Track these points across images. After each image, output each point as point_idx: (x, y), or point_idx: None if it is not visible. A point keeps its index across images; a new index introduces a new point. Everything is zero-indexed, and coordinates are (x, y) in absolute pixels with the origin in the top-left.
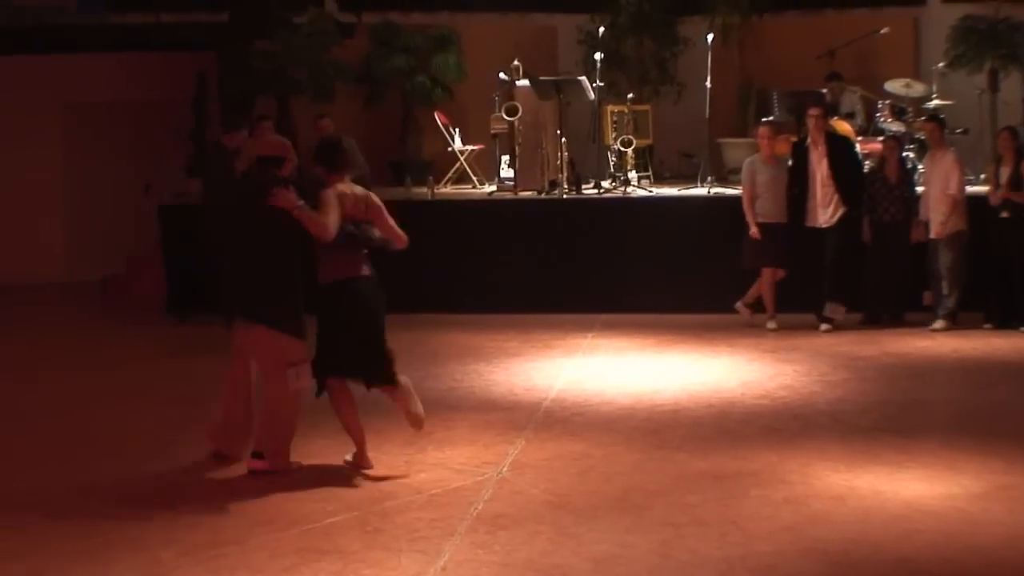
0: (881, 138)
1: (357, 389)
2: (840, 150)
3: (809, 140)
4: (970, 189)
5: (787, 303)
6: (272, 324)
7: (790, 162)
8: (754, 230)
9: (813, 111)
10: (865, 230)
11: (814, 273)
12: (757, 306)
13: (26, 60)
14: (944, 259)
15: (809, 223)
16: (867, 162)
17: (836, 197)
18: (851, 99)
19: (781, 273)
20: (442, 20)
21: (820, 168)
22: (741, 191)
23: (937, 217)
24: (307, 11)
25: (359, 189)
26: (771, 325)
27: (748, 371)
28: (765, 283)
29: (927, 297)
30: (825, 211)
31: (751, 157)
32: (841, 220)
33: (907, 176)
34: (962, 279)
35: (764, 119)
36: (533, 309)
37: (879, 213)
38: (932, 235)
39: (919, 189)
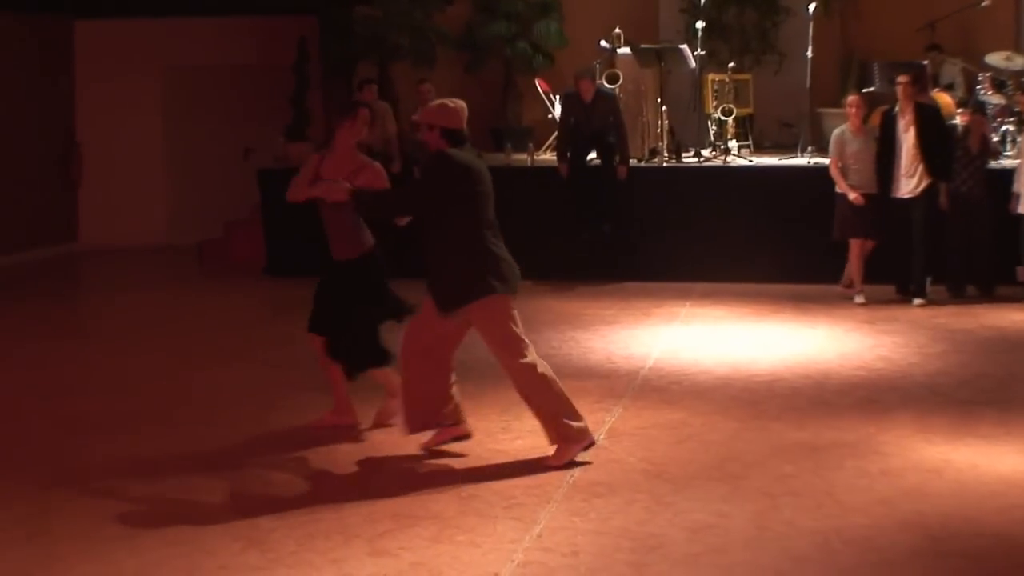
0: (966, 108)
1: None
2: (928, 119)
3: (897, 108)
4: None
5: (874, 274)
6: None
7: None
8: (856, 195)
9: (901, 79)
10: (942, 198)
11: (898, 245)
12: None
13: (128, 23)
14: None
15: (893, 193)
16: None
17: (921, 167)
18: (951, 71)
19: (870, 244)
20: None
21: (907, 137)
22: (829, 162)
23: None
24: None
25: None
26: (859, 299)
27: (845, 342)
28: (854, 255)
29: (1021, 272)
30: (909, 181)
31: (840, 128)
32: (926, 192)
33: (991, 149)
34: None
35: (864, 89)
36: (631, 277)
37: (957, 184)
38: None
39: (1015, 162)
